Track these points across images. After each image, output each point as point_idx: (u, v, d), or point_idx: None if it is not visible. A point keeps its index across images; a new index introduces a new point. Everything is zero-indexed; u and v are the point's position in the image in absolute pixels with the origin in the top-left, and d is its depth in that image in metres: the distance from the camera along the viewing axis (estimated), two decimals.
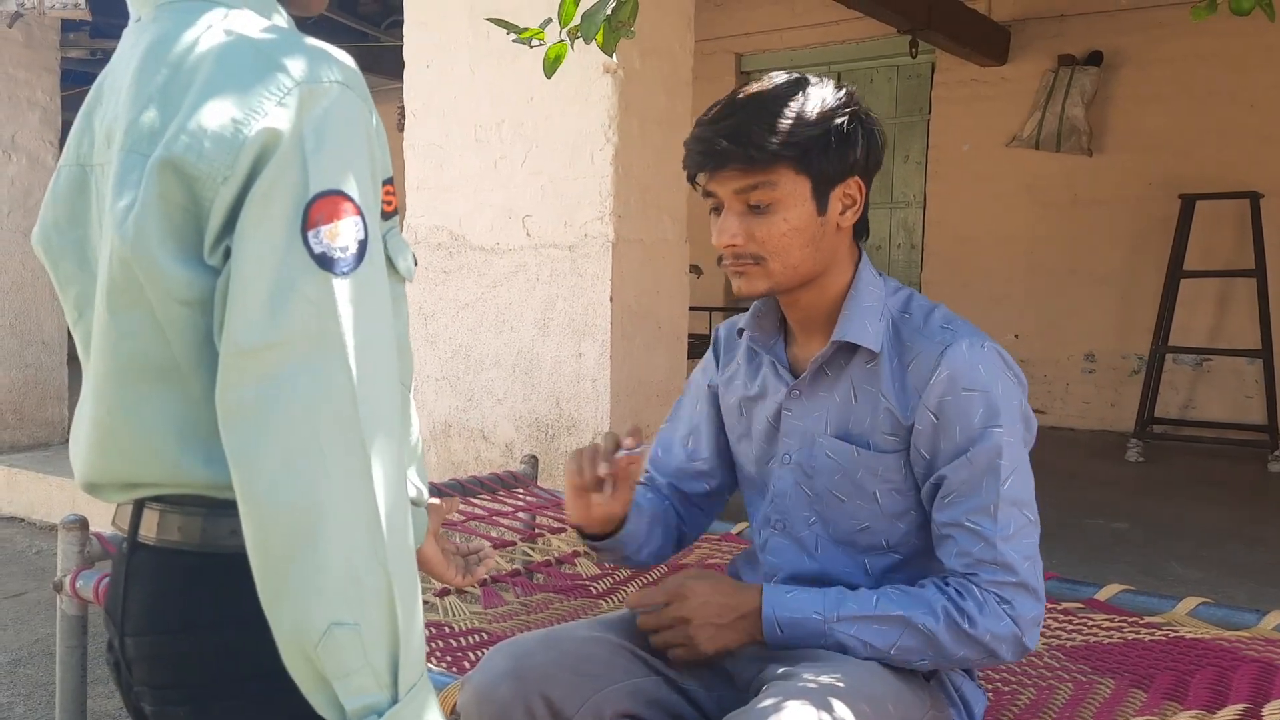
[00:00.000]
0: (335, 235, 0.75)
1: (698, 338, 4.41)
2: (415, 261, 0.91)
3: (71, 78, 5.77)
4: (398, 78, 3.43)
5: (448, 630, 1.67)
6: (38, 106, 5.02)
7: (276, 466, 0.73)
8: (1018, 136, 6.10)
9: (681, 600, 1.25)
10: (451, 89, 3.22)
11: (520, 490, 2.56)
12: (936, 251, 6.59)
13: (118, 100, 0.83)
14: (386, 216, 0.85)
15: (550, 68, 1.46)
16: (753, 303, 1.39)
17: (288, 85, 0.76)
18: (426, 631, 1.64)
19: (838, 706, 1.08)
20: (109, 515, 0.95)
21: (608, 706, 1.23)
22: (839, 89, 1.25)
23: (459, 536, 1.30)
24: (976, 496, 1.21)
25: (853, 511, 1.31)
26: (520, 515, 2.39)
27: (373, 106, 0.83)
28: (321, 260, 0.74)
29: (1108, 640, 1.76)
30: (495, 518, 2.33)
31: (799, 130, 1.20)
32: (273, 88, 0.76)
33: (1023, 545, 1.21)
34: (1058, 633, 1.80)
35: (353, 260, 0.75)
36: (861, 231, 1.32)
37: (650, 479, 1.53)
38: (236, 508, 0.76)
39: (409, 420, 0.98)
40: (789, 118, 1.20)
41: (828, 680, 1.12)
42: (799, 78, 1.26)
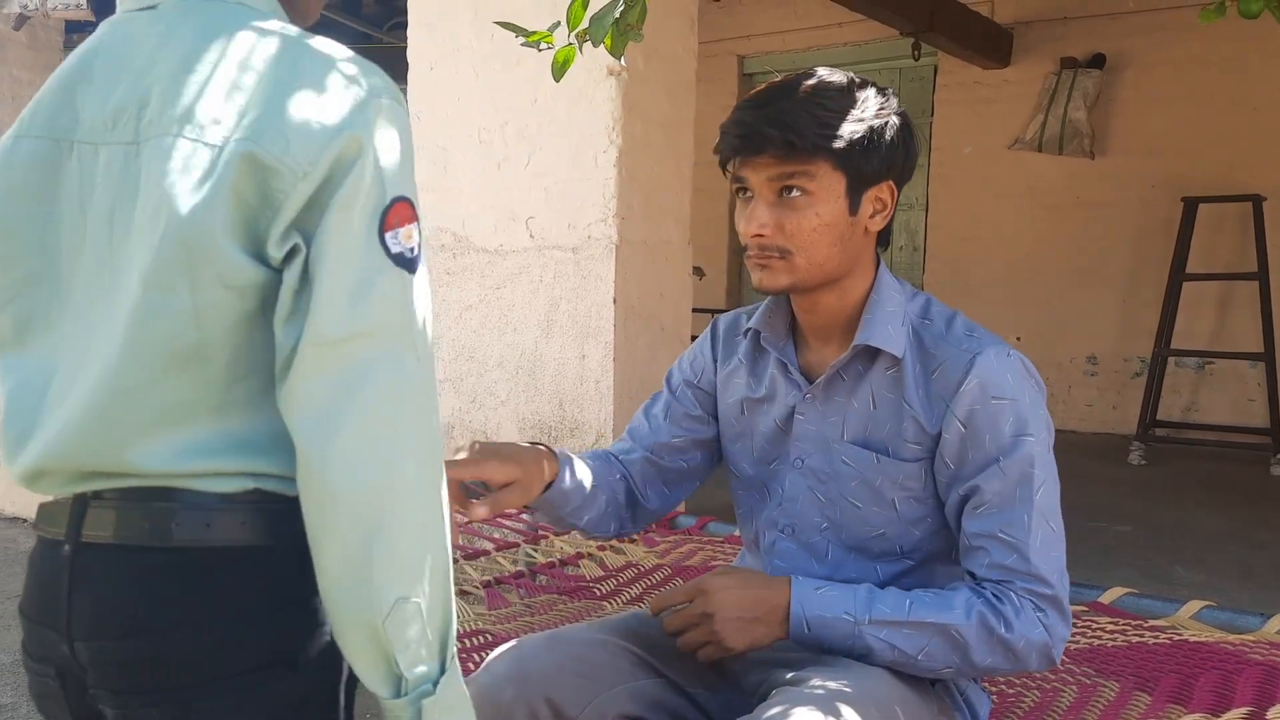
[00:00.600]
0: (409, 237, 0.81)
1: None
2: None
3: None
4: (399, 79, 3.44)
5: None
6: None
7: (356, 448, 0.78)
8: (1020, 139, 6.10)
9: (705, 596, 1.21)
10: (455, 91, 3.22)
11: None
12: (939, 254, 6.59)
13: (132, 83, 0.84)
14: None
15: (559, 71, 1.46)
16: (757, 301, 1.38)
17: (364, 96, 0.82)
18: None
19: (846, 713, 1.08)
20: None
21: (611, 709, 1.23)
22: (882, 91, 1.25)
23: (461, 537, 1.29)
24: (1011, 508, 1.19)
25: (868, 518, 1.30)
26: (523, 517, 2.39)
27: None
28: (398, 260, 0.80)
29: (1111, 643, 1.76)
30: (498, 519, 2.33)
31: (843, 125, 1.19)
32: (352, 97, 0.82)
33: (1053, 559, 1.20)
34: None
35: (419, 260, 0.82)
36: (885, 240, 1.30)
37: (615, 449, 1.48)
38: (214, 501, 0.82)
39: None
40: (834, 110, 1.19)
41: (835, 686, 1.12)
42: (847, 75, 1.25)
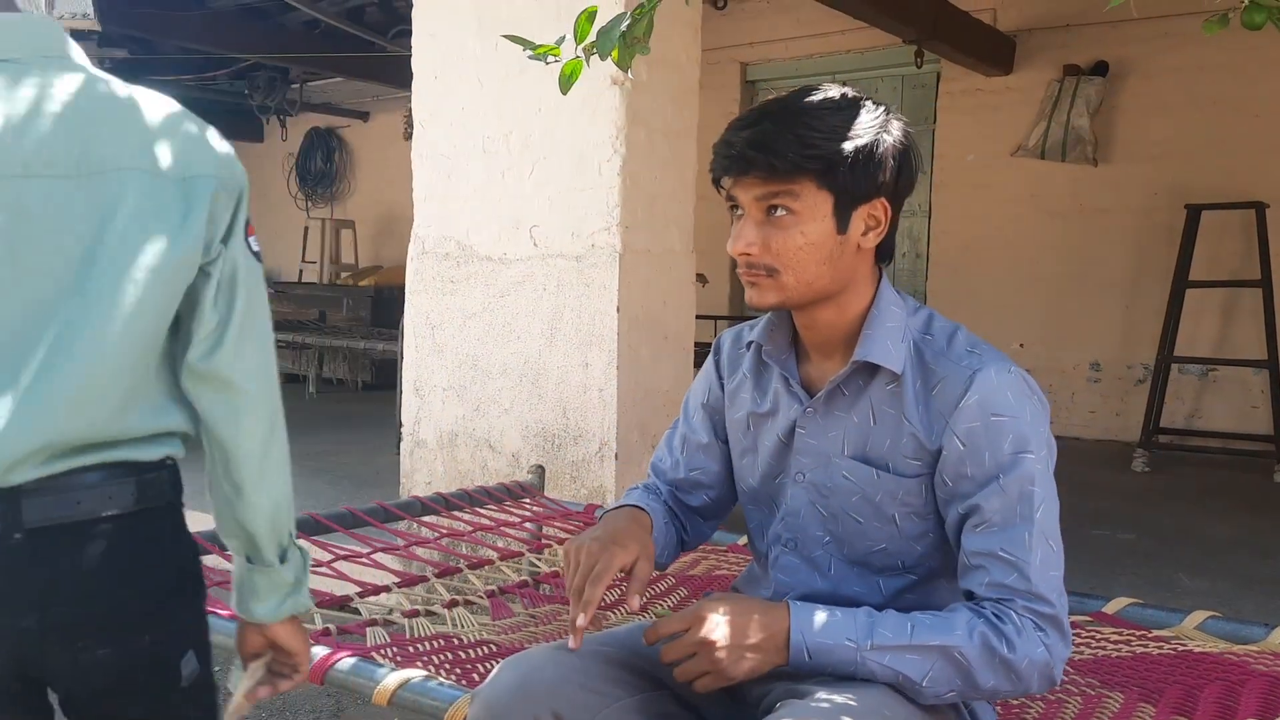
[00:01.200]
0: (257, 240, 1.14)
1: (703, 346, 4.40)
2: None
3: None
4: (403, 87, 3.46)
5: (456, 642, 1.67)
6: None
7: (258, 367, 1.11)
8: (1023, 146, 6.10)
9: (702, 624, 1.18)
10: (459, 100, 3.23)
11: (527, 500, 2.56)
12: (942, 261, 6.59)
13: (34, 131, 1.00)
14: None
15: (565, 84, 1.46)
16: (761, 313, 1.38)
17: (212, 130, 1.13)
18: (436, 643, 1.65)
19: None
20: None
21: None
22: (877, 107, 1.24)
23: (465, 546, 1.31)
24: (1011, 527, 1.19)
25: (869, 533, 1.30)
26: (527, 526, 2.39)
27: None
28: (257, 256, 1.13)
29: (1116, 654, 1.76)
30: (503, 528, 2.34)
31: (826, 144, 1.19)
32: (214, 130, 1.12)
33: (1052, 578, 1.19)
34: None
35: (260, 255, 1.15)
36: (885, 254, 1.29)
37: (652, 483, 1.53)
38: (156, 466, 1.07)
39: None
40: (818, 131, 1.19)
41: (841, 699, 1.12)
42: (839, 92, 1.25)
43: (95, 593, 1.02)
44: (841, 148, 1.19)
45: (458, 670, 1.57)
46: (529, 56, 1.45)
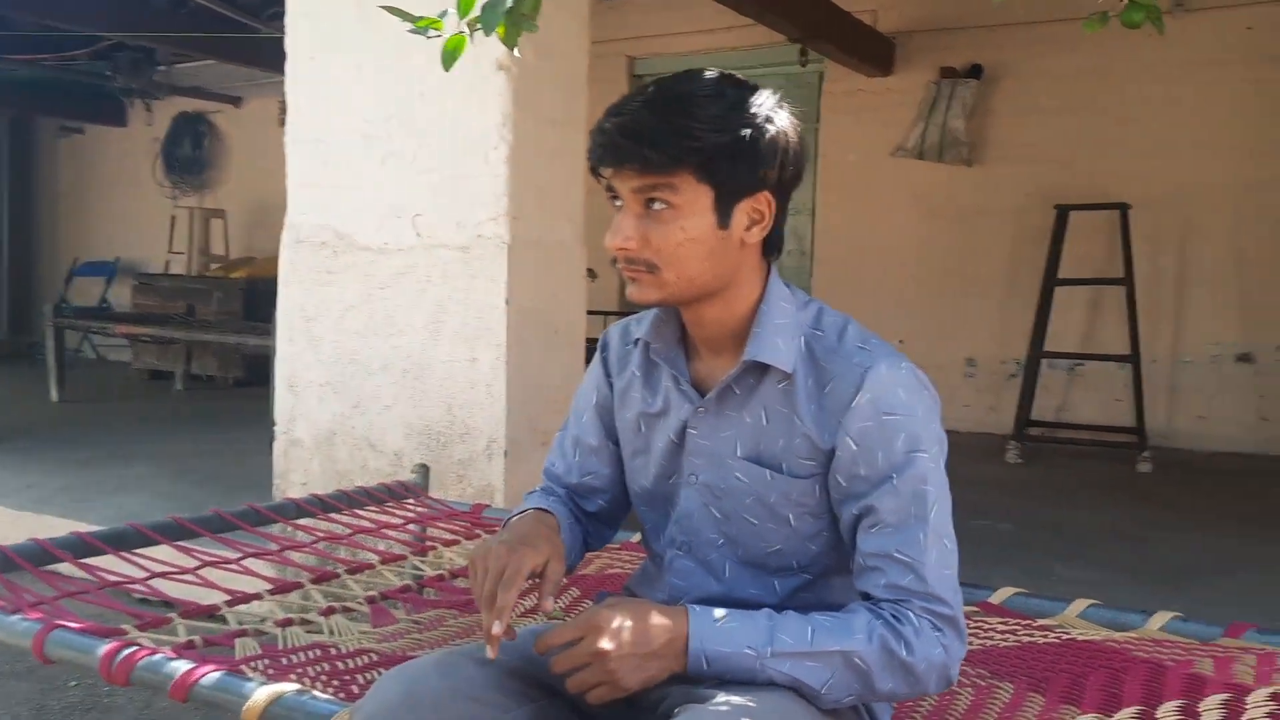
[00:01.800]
0: None
1: (593, 342, 4.34)
2: None
3: None
4: (278, 71, 3.29)
5: (334, 651, 1.57)
6: None
7: None
8: (902, 146, 6.24)
9: (596, 632, 1.11)
10: (337, 82, 3.09)
11: (411, 501, 2.46)
12: (826, 259, 6.69)
13: None
14: None
15: (448, 60, 1.38)
16: (647, 309, 1.32)
17: None
18: (312, 653, 1.55)
19: None
20: None
21: None
22: (762, 94, 1.18)
23: (344, 550, 1.22)
24: (906, 527, 1.16)
25: (764, 534, 1.26)
26: (410, 527, 2.30)
27: None
28: None
29: (1004, 644, 1.78)
30: (384, 530, 2.23)
31: (705, 136, 1.13)
32: None
33: (947, 577, 1.17)
34: None
35: None
36: (773, 248, 1.25)
37: (549, 487, 1.47)
38: None
39: None
40: (698, 121, 1.13)
41: (740, 702, 1.07)
42: (720, 76, 1.18)
43: None
44: (722, 139, 1.13)
45: (335, 682, 1.48)
46: (409, 30, 1.37)
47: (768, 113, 1.18)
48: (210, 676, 1.31)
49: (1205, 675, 1.53)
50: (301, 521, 2.24)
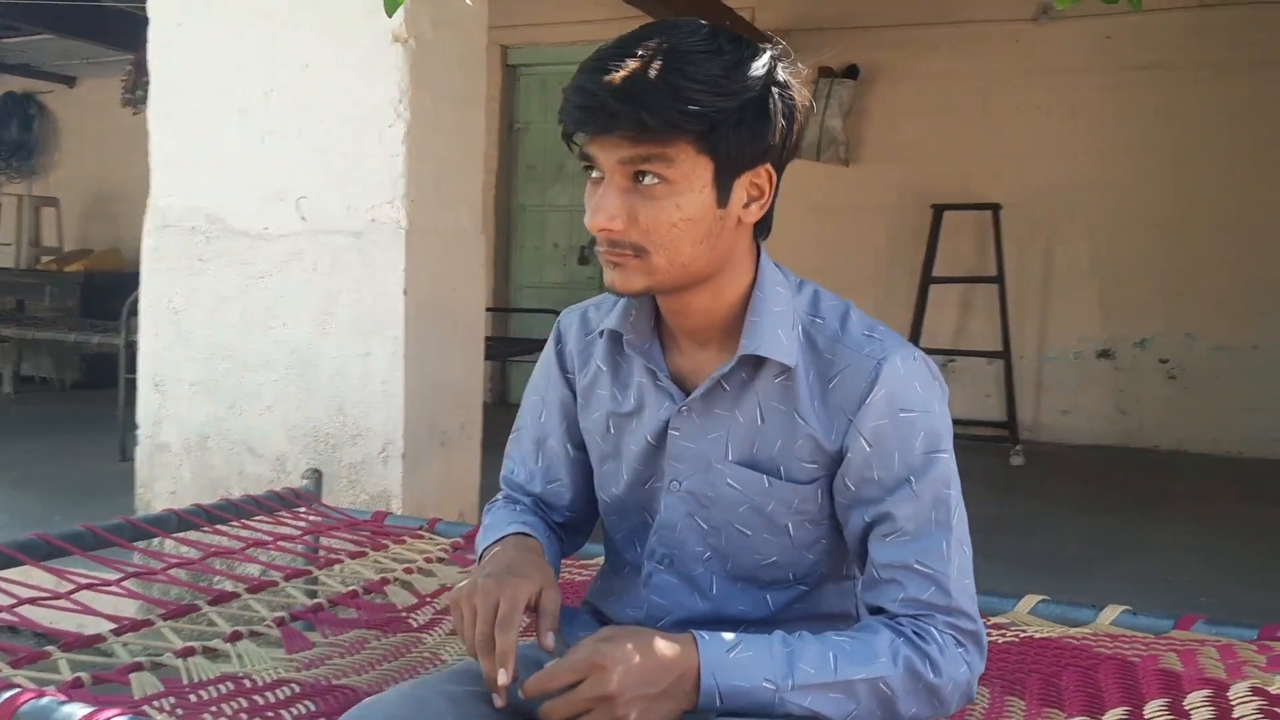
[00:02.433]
0: None
1: (494, 340, 4.15)
2: None
3: None
4: (123, 47, 3.00)
5: (249, 684, 1.36)
6: None
7: None
8: None
9: (600, 673, 0.95)
10: (208, 52, 2.82)
11: (303, 509, 2.23)
12: None
13: None
14: None
15: (391, 6, 1.21)
16: (612, 296, 1.15)
17: None
18: (225, 687, 1.34)
19: None
20: None
21: None
22: (761, 51, 1.03)
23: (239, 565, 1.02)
24: (926, 536, 1.05)
25: (758, 546, 1.13)
26: (308, 539, 2.07)
27: None
28: None
29: None
30: (280, 543, 2.01)
31: (709, 99, 0.97)
32: None
33: (968, 587, 1.07)
34: None
35: None
36: (765, 228, 1.11)
37: (512, 497, 1.30)
38: None
39: None
40: (699, 81, 0.97)
41: None
42: (712, 29, 1.02)
43: None
44: (727, 103, 0.98)
45: None
46: None
47: (772, 72, 1.03)
48: None
49: (1175, 670, 1.49)
50: (184, 535, 1.99)
